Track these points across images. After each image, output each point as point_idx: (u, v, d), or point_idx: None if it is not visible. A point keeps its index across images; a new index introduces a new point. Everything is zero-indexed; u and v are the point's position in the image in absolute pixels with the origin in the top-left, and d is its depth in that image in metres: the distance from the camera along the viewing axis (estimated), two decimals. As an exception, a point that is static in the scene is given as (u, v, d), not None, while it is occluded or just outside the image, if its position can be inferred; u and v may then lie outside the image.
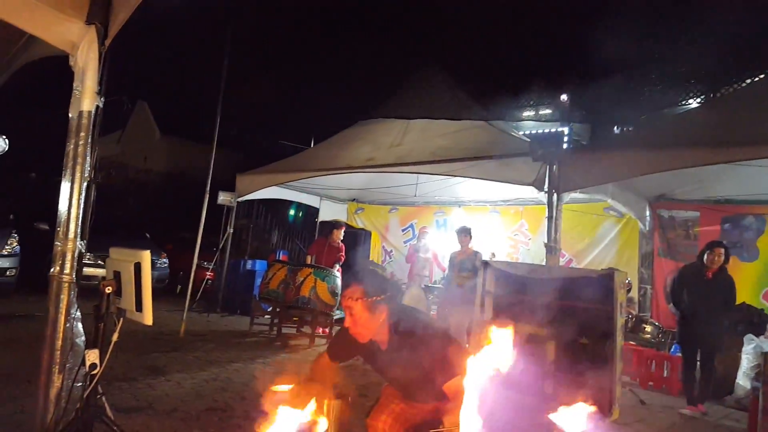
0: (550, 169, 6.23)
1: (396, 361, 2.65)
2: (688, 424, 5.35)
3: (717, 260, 5.89)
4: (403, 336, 2.63)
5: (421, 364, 2.60)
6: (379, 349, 2.72)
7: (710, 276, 5.92)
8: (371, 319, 2.62)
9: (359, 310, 2.60)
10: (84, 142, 2.95)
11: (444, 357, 2.56)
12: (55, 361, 2.85)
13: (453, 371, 2.54)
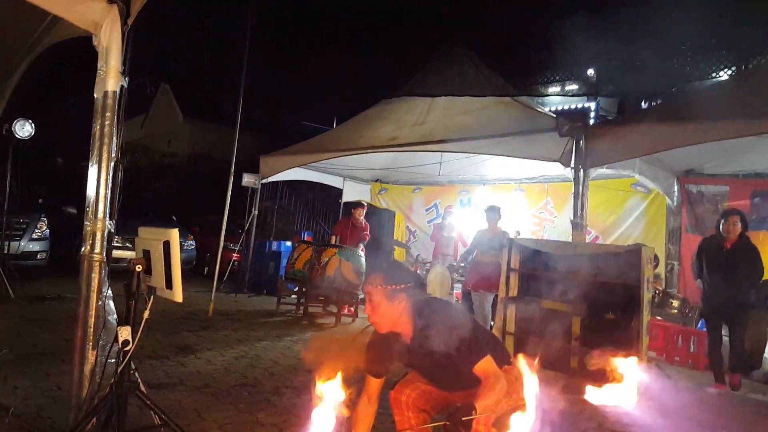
0: (576, 144, 6.14)
1: (422, 352, 2.63)
2: (713, 399, 5.30)
3: (733, 229, 5.60)
4: (425, 326, 2.59)
5: (448, 353, 2.57)
6: (405, 343, 2.69)
7: (729, 247, 5.65)
8: (390, 308, 2.60)
9: (378, 297, 2.59)
10: (110, 122, 2.98)
11: (470, 342, 2.55)
12: (89, 338, 2.92)
13: (481, 353, 2.55)
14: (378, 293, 2.59)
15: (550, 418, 3.91)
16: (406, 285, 2.62)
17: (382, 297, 2.59)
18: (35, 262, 8.70)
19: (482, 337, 2.72)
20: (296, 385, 4.57)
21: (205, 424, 3.50)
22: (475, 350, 2.56)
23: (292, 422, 3.65)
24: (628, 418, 4.38)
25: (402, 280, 2.63)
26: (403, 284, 2.61)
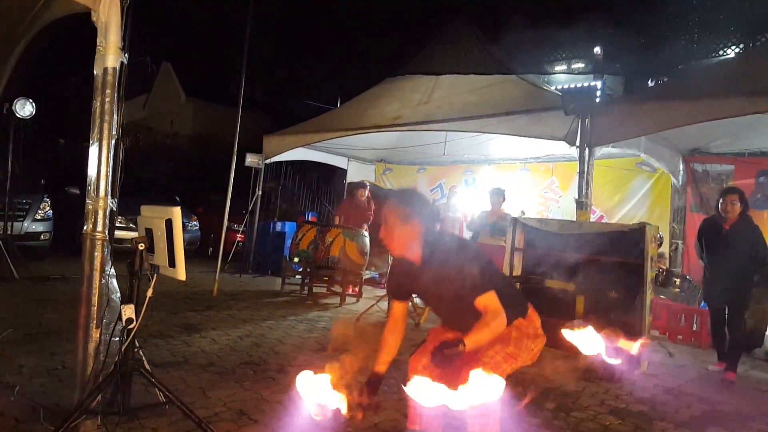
0: (582, 123, 6.09)
1: (430, 281, 2.66)
2: (715, 376, 5.31)
3: (731, 208, 5.30)
4: (433, 253, 2.64)
5: (454, 285, 2.59)
6: (415, 267, 2.73)
7: (727, 227, 5.36)
8: (403, 231, 2.65)
9: (392, 218, 2.65)
10: (110, 99, 2.95)
11: (476, 275, 2.55)
12: (92, 317, 2.92)
13: (484, 287, 2.56)
14: (392, 214, 2.65)
15: (553, 395, 3.94)
16: (419, 210, 2.67)
17: (395, 218, 2.64)
18: (39, 242, 8.74)
19: (492, 275, 2.69)
20: (301, 363, 4.58)
21: (210, 401, 3.52)
22: (480, 284, 2.57)
23: (297, 400, 3.67)
24: (630, 396, 4.40)
25: (415, 204, 2.69)
26: (416, 208, 2.66)
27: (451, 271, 2.59)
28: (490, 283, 2.60)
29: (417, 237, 2.67)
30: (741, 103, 5.20)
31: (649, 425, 3.74)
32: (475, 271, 2.57)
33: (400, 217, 2.64)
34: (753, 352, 6.32)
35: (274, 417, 3.33)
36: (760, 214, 7.55)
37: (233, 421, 3.23)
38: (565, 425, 3.62)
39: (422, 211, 2.70)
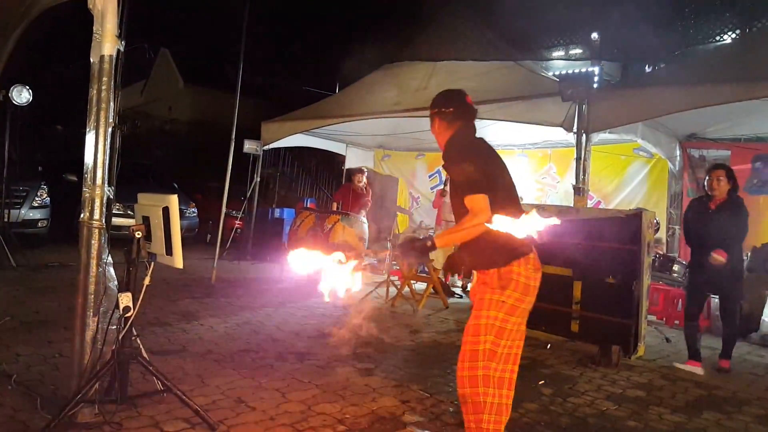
0: (579, 109, 6.08)
1: (450, 170, 2.78)
2: (711, 360, 5.34)
3: (717, 185, 4.87)
4: (447, 149, 2.77)
5: (456, 174, 2.69)
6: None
7: (713, 207, 4.94)
8: (438, 128, 2.86)
9: (432, 115, 2.88)
10: (107, 87, 2.93)
11: (474, 176, 2.55)
12: (89, 305, 2.93)
13: (477, 188, 2.52)
14: (432, 112, 2.88)
15: (551, 381, 3.97)
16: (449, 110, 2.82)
17: (433, 116, 2.87)
18: (36, 230, 8.72)
19: (491, 179, 2.60)
20: (299, 350, 4.61)
21: (208, 389, 3.53)
22: (474, 185, 2.54)
23: (295, 386, 3.69)
24: (627, 381, 4.43)
25: (447, 104, 2.84)
26: (448, 108, 2.82)
27: (454, 172, 2.68)
28: (487, 188, 2.53)
29: (447, 135, 2.82)
30: (737, 88, 5.18)
31: (646, 410, 3.77)
32: (475, 173, 2.55)
33: (435, 115, 2.86)
34: (749, 337, 6.36)
35: (272, 404, 3.35)
36: (756, 199, 7.57)
37: (231, 408, 3.24)
38: (562, 411, 3.64)
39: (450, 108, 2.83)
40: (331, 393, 3.63)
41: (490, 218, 2.44)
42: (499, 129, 9.03)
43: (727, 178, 4.91)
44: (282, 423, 3.08)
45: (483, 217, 2.47)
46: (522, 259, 2.62)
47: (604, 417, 3.58)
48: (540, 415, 3.52)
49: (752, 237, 7.37)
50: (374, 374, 4.09)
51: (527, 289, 2.63)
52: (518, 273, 2.61)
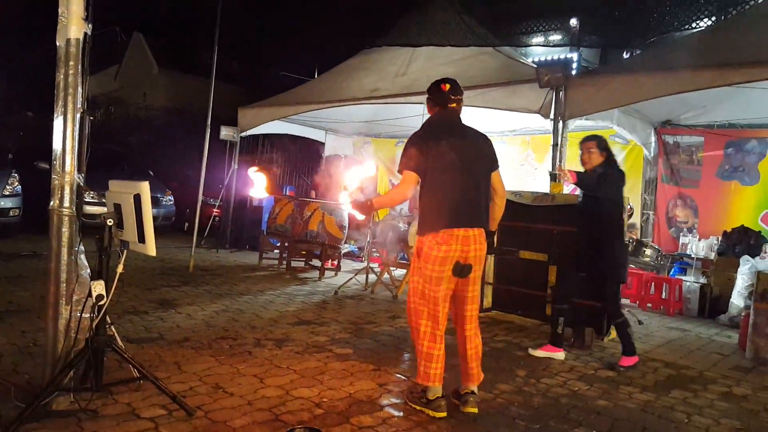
0: (556, 95, 6.13)
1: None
2: (681, 341, 5.48)
3: (588, 157, 4.56)
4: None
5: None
6: None
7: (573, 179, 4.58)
8: (429, 112, 3.42)
9: (428, 105, 3.43)
10: (74, 71, 2.87)
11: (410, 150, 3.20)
12: (62, 294, 2.89)
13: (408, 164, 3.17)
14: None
15: (524, 362, 4.04)
16: (428, 97, 3.41)
17: (426, 101, 3.44)
18: (8, 219, 8.57)
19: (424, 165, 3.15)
20: (278, 337, 4.62)
21: (185, 376, 3.53)
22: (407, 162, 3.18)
23: (273, 372, 3.71)
24: (599, 362, 4.52)
25: (429, 92, 3.42)
26: (429, 95, 3.41)
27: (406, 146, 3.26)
28: (416, 168, 3.15)
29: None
30: (711, 75, 5.28)
31: (616, 390, 3.85)
32: (412, 150, 3.17)
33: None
34: (718, 319, 6.53)
35: (250, 389, 3.36)
36: (727, 185, 7.74)
37: (208, 394, 3.25)
38: (536, 391, 3.71)
39: (432, 97, 3.39)
40: (309, 378, 3.65)
41: (409, 191, 3.22)
42: (478, 116, 9.04)
43: (599, 149, 4.56)
44: (260, 407, 3.10)
45: (402, 191, 3.23)
46: (441, 232, 3.11)
47: (576, 397, 3.66)
48: (514, 396, 3.59)
49: (723, 222, 7.55)
50: (352, 359, 4.12)
51: (444, 261, 3.11)
52: (430, 246, 3.13)
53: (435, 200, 3.17)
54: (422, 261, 3.15)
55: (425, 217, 3.21)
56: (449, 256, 3.10)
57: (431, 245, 3.11)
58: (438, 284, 3.13)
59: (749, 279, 6.02)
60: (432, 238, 3.12)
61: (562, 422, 3.20)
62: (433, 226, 3.14)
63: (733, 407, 3.67)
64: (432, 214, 3.18)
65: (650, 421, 3.32)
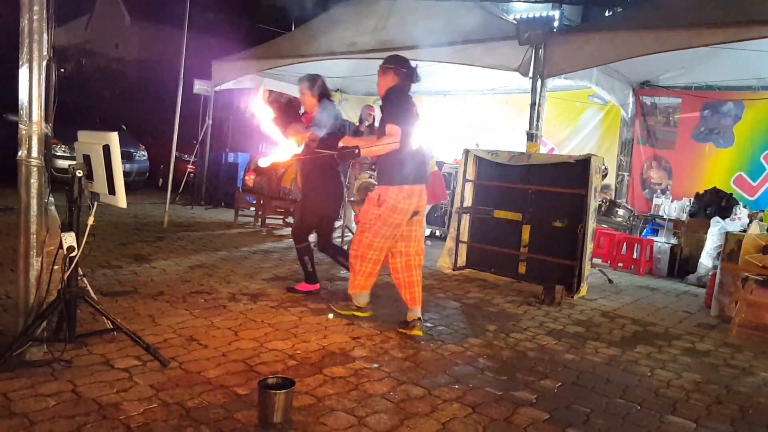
0: (535, 53, 6.10)
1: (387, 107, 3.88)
2: (649, 299, 5.65)
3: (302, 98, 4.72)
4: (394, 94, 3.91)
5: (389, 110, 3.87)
6: None
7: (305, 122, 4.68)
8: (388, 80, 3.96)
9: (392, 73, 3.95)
10: (39, 17, 2.78)
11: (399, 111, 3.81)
12: (32, 245, 2.86)
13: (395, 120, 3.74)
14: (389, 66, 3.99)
15: (495, 318, 4.13)
16: (404, 70, 3.99)
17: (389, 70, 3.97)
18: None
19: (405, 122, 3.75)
20: (253, 292, 4.65)
21: (160, 328, 3.55)
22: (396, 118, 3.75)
23: (248, 326, 3.75)
24: (568, 319, 4.65)
25: (404, 65, 4.01)
26: (403, 68, 3.99)
27: (393, 106, 3.80)
28: (402, 126, 3.69)
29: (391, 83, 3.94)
30: (689, 35, 5.29)
31: (583, 345, 3.98)
32: (400, 108, 3.78)
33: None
34: (687, 278, 6.72)
35: (224, 342, 3.40)
36: (702, 147, 7.86)
37: (183, 346, 3.28)
38: (504, 345, 3.81)
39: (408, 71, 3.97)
40: (283, 331, 3.70)
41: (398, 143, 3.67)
42: (457, 74, 9.00)
43: (310, 90, 4.66)
44: (234, 359, 3.14)
45: (394, 140, 3.66)
46: (406, 188, 3.76)
47: (544, 350, 3.77)
48: (483, 349, 3.68)
49: (696, 184, 7.69)
50: (326, 313, 4.17)
51: (407, 211, 3.79)
52: (396, 199, 3.74)
53: (402, 158, 3.73)
54: (386, 210, 3.75)
55: (393, 171, 3.77)
56: (409, 208, 3.80)
57: (398, 198, 3.74)
58: (397, 228, 3.83)
59: (719, 240, 6.16)
60: (398, 192, 3.74)
61: (529, 374, 3.31)
62: (399, 180, 3.75)
63: (695, 362, 3.82)
64: (399, 171, 3.76)
65: (615, 374, 3.44)
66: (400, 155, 3.71)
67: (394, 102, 3.79)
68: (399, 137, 3.66)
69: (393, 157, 3.72)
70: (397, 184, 3.75)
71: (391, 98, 3.82)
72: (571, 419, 2.76)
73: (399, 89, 3.88)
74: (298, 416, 2.53)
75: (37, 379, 2.67)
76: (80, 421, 2.34)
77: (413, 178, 3.79)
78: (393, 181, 3.76)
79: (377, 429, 2.49)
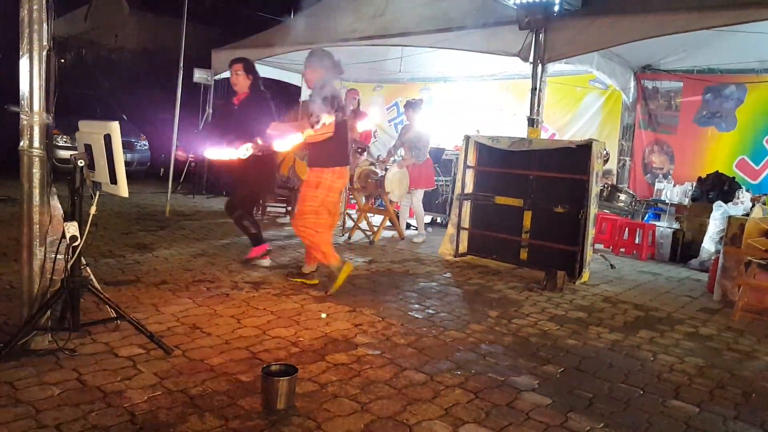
0: (536, 37, 6.06)
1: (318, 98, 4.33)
2: (651, 284, 5.66)
3: (236, 79, 4.92)
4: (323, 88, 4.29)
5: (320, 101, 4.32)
6: None
7: (237, 103, 4.98)
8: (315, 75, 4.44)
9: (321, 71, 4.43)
10: (39, 6, 2.77)
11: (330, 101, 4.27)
12: (35, 235, 2.87)
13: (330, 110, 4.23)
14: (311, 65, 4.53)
15: (497, 304, 4.13)
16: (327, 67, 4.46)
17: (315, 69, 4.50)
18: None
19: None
20: (255, 280, 4.66)
21: (163, 317, 3.56)
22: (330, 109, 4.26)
23: (250, 314, 3.76)
24: (570, 305, 4.66)
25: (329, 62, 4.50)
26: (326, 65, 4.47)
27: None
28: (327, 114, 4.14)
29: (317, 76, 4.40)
30: (691, 17, 5.25)
31: (585, 330, 3.99)
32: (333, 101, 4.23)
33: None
34: (689, 263, 6.71)
35: (227, 330, 3.41)
36: (704, 131, 7.82)
37: (186, 334, 3.29)
38: (506, 331, 3.83)
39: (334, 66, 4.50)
40: (285, 319, 3.71)
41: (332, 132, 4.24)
42: (457, 60, 8.95)
43: (245, 72, 4.90)
44: (237, 346, 3.16)
45: (330, 129, 4.20)
46: (337, 169, 4.38)
47: (546, 336, 3.79)
48: (485, 335, 3.70)
49: (698, 168, 7.67)
50: (328, 301, 4.19)
51: (330, 189, 4.39)
52: (332, 180, 4.36)
53: (333, 144, 4.31)
54: (322, 189, 4.36)
55: (326, 156, 4.36)
56: (340, 186, 4.51)
57: (332, 179, 4.38)
58: (333, 204, 4.48)
59: (721, 224, 6.13)
60: (331, 174, 4.37)
61: (532, 359, 3.32)
62: (332, 163, 4.37)
63: (698, 346, 3.83)
64: (332, 155, 4.36)
65: (617, 359, 3.46)
66: (332, 142, 4.28)
67: (325, 94, 4.24)
68: (333, 127, 4.21)
69: (326, 143, 4.27)
70: (330, 166, 4.35)
71: (321, 91, 4.26)
72: (573, 404, 2.77)
73: (326, 81, 4.31)
74: (301, 402, 2.55)
75: (42, 368, 2.69)
76: (85, 409, 2.36)
77: (342, 161, 4.44)
78: (327, 164, 4.35)
79: (380, 415, 2.51)
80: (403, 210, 7.52)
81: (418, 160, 7.04)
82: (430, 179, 7.32)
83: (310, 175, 4.41)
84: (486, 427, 2.48)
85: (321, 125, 4.14)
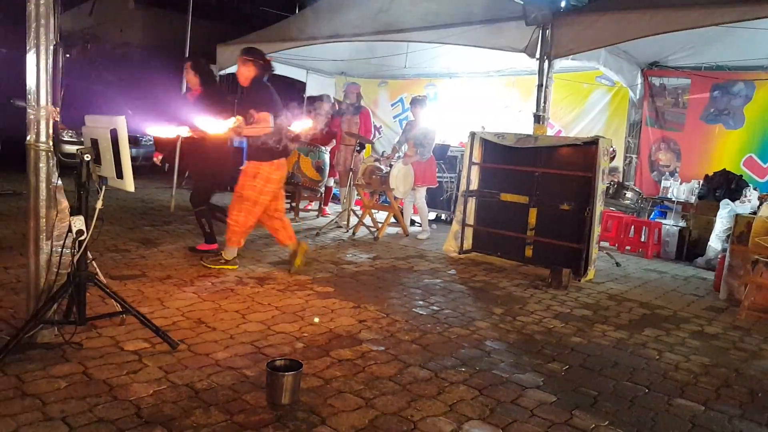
0: (543, 33, 6.02)
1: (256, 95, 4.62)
2: (657, 282, 5.64)
3: (187, 76, 5.23)
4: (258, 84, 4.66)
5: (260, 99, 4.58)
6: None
7: (191, 99, 5.20)
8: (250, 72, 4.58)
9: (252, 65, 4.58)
10: (45, 1, 2.77)
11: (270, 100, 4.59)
12: (42, 229, 2.88)
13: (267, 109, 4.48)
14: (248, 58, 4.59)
15: (502, 301, 4.12)
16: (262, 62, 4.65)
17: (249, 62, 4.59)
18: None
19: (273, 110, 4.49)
20: (259, 275, 4.67)
21: (168, 311, 3.57)
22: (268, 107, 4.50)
23: (255, 309, 3.77)
24: (575, 302, 4.65)
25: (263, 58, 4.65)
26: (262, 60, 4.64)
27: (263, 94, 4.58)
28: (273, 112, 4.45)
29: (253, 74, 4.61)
30: (699, 14, 5.19)
31: (591, 328, 3.98)
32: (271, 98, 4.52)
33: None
34: (695, 261, 6.69)
35: (232, 324, 3.42)
36: (711, 129, 7.77)
37: (191, 329, 3.30)
38: (511, 328, 3.82)
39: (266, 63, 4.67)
40: (290, 314, 3.72)
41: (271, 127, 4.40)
42: (462, 56, 8.93)
43: (192, 69, 5.15)
44: (242, 341, 3.17)
45: (269, 124, 4.38)
46: (276, 162, 4.56)
47: (551, 334, 3.78)
48: (489, 332, 3.69)
49: (705, 166, 7.63)
50: (333, 297, 4.19)
51: (269, 180, 4.55)
52: (270, 171, 4.54)
53: (273, 138, 4.44)
54: (262, 181, 4.53)
55: (266, 149, 4.48)
56: (280, 177, 4.66)
57: (271, 171, 4.55)
58: (270, 195, 4.62)
59: (728, 222, 6.11)
60: (270, 166, 4.54)
61: (536, 357, 3.32)
62: (270, 156, 4.53)
63: (703, 345, 3.81)
64: (270, 149, 4.48)
65: (622, 357, 3.45)
66: (270, 136, 4.42)
67: (261, 91, 4.51)
68: (271, 122, 4.38)
69: (265, 138, 4.43)
70: (268, 160, 4.52)
71: (257, 87, 4.53)
72: (578, 402, 2.76)
73: (260, 78, 4.55)
74: (306, 398, 2.55)
75: (48, 361, 2.71)
76: (91, 402, 2.37)
77: (280, 154, 4.59)
78: (265, 157, 4.52)
79: (384, 411, 2.51)
80: (406, 206, 7.51)
81: (422, 158, 7.04)
82: (434, 177, 7.31)
83: (248, 167, 4.58)
84: (490, 424, 2.47)
85: (257, 121, 4.34)
